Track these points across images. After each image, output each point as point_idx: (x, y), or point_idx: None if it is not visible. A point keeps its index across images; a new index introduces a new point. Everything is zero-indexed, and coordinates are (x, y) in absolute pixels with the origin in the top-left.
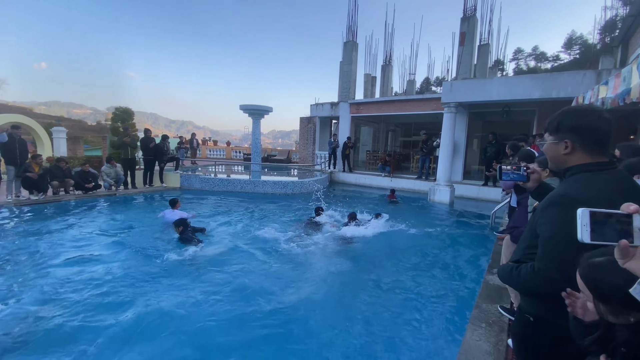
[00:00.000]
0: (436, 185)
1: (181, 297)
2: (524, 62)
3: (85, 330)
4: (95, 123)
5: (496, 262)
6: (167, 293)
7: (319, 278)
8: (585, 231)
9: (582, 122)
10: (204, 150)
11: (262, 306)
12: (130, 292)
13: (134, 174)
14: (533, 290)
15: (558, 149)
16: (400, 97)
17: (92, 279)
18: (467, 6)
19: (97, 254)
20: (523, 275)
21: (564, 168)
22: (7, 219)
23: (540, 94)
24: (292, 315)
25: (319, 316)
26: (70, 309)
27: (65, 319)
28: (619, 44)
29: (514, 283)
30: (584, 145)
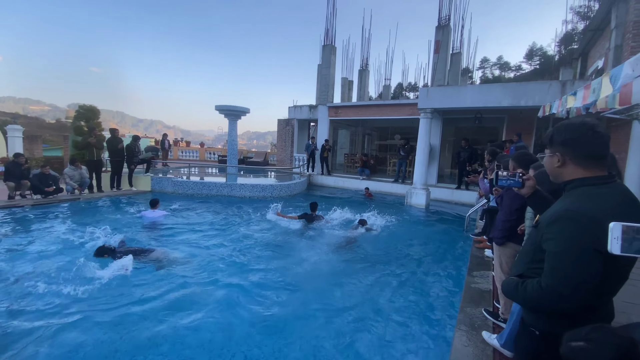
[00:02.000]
0: (413, 188)
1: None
2: (489, 71)
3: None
4: (55, 121)
5: (474, 265)
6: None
7: (299, 283)
8: (615, 244)
9: (571, 135)
10: (175, 151)
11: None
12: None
13: (99, 177)
14: (540, 306)
15: (552, 162)
16: (377, 101)
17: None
18: (441, 15)
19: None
20: (530, 291)
21: (562, 181)
22: None
23: (510, 102)
24: (274, 321)
25: (302, 321)
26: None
27: None
28: (578, 56)
29: (519, 299)
30: (575, 158)
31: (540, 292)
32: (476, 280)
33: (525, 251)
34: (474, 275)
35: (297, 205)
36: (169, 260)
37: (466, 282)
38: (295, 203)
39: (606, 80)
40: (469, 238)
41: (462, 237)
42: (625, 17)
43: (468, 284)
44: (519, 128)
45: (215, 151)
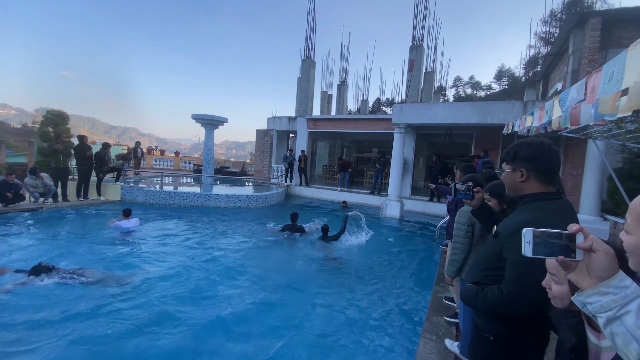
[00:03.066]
0: (388, 200)
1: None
2: (462, 89)
3: None
4: (21, 126)
5: (442, 275)
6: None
7: (270, 289)
8: (527, 247)
9: (534, 152)
10: (149, 160)
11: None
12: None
13: (65, 185)
14: (500, 311)
15: (514, 177)
16: (355, 115)
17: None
18: (415, 36)
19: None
20: (490, 297)
21: (519, 195)
22: None
23: (477, 120)
24: (240, 330)
25: (272, 329)
26: None
27: None
28: (540, 78)
29: (479, 305)
30: (537, 174)
31: (500, 298)
32: (443, 289)
33: (482, 259)
34: (442, 285)
35: (273, 216)
36: (109, 280)
37: (433, 292)
38: (271, 214)
39: (556, 103)
40: (439, 248)
41: (433, 248)
42: (581, 44)
43: (435, 293)
44: (487, 144)
45: (191, 160)
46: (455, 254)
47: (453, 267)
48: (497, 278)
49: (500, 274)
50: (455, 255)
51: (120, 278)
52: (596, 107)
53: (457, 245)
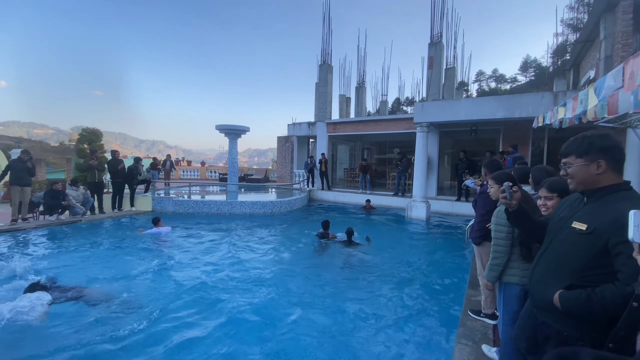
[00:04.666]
0: (413, 201)
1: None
2: (485, 84)
3: None
4: (58, 144)
5: (475, 277)
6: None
7: (300, 295)
8: (636, 231)
9: (612, 143)
10: (177, 171)
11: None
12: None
13: (101, 198)
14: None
15: (589, 170)
16: (374, 117)
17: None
18: (433, 33)
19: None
20: (610, 298)
21: (595, 188)
22: None
23: (504, 114)
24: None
25: (306, 334)
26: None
27: None
28: (570, 67)
29: (595, 310)
30: (614, 164)
31: (624, 296)
32: (476, 292)
33: (569, 260)
34: (475, 287)
35: (298, 220)
36: (107, 299)
37: (467, 295)
38: (295, 218)
39: (591, 92)
40: (470, 250)
41: (463, 249)
42: (613, 28)
43: (468, 296)
44: (515, 139)
45: (216, 169)
46: (497, 257)
47: (495, 272)
48: (601, 277)
49: (605, 271)
50: (497, 259)
51: (126, 300)
52: (636, 94)
53: (498, 249)
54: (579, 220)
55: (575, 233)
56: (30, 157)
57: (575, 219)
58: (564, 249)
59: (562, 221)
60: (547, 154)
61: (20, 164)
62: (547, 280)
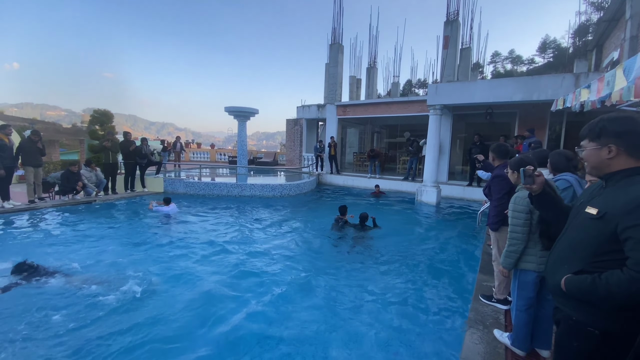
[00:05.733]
0: (423, 186)
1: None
2: (501, 65)
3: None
4: (71, 125)
5: (486, 263)
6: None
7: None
8: None
9: (627, 127)
10: (187, 153)
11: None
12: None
13: (115, 179)
14: (629, 299)
15: (601, 154)
16: (385, 99)
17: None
18: (449, 10)
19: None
20: (615, 284)
21: (608, 172)
22: None
23: (522, 97)
24: (282, 320)
25: (313, 315)
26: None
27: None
28: (593, 47)
29: (600, 295)
30: (629, 149)
31: (631, 282)
32: (488, 278)
33: (582, 246)
34: (486, 273)
35: (307, 203)
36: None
37: (477, 280)
38: (304, 201)
39: (620, 73)
40: (481, 236)
41: (474, 235)
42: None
43: (479, 281)
44: (532, 123)
45: (226, 152)
46: (514, 244)
47: (511, 259)
48: (612, 263)
49: (616, 257)
50: (514, 246)
51: (111, 280)
52: None
53: (516, 235)
54: (593, 205)
55: (587, 218)
56: (39, 138)
57: (590, 204)
58: (576, 235)
59: (581, 207)
60: (564, 139)
61: (31, 144)
62: (560, 264)
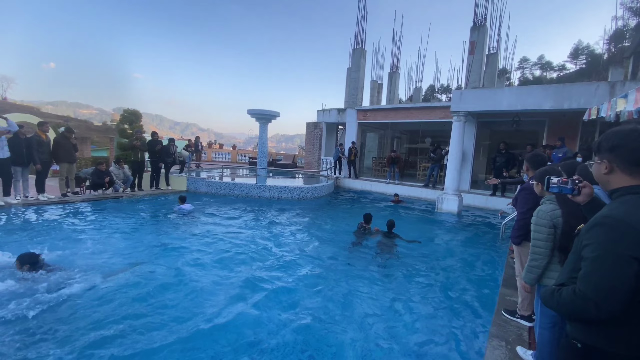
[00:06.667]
0: (444, 194)
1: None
2: (529, 71)
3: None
4: (102, 124)
5: (510, 276)
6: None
7: (329, 289)
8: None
9: (618, 142)
10: (209, 153)
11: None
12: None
13: (141, 177)
14: (574, 313)
15: (600, 170)
16: (407, 104)
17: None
18: (477, 15)
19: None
20: (564, 297)
21: (609, 189)
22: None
23: (551, 105)
24: (302, 326)
25: (332, 332)
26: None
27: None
28: (630, 55)
29: (554, 306)
30: (622, 165)
31: (573, 297)
32: (511, 292)
33: (568, 260)
34: (509, 287)
35: (323, 207)
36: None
37: (500, 294)
38: (321, 205)
39: None
40: (505, 248)
41: (497, 247)
42: None
43: (502, 296)
44: (562, 132)
45: (246, 153)
46: (536, 259)
47: (533, 274)
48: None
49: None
50: (536, 261)
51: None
52: None
53: (538, 250)
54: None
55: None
56: (72, 134)
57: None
58: (571, 250)
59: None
60: None
61: (65, 141)
62: (558, 278)
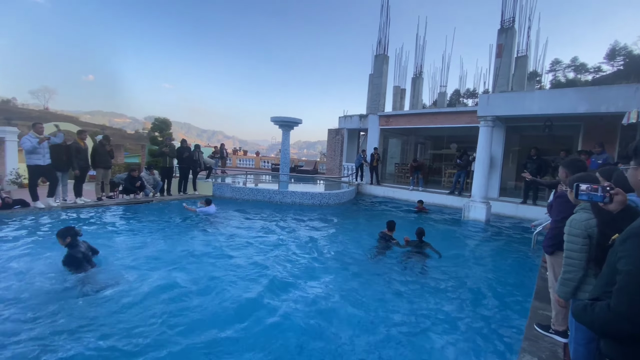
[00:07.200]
0: (471, 201)
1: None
2: (562, 74)
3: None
4: (134, 132)
5: (542, 288)
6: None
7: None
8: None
9: None
10: (234, 159)
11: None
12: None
13: (170, 182)
14: (608, 330)
15: (635, 175)
16: (431, 109)
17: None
18: (504, 18)
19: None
20: (597, 313)
21: None
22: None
23: (586, 108)
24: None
25: (357, 335)
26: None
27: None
28: None
29: (587, 322)
30: None
31: (607, 314)
32: (544, 305)
33: (603, 273)
34: (542, 300)
35: (344, 213)
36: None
37: (532, 307)
38: (342, 211)
39: None
40: (537, 258)
41: (529, 257)
42: None
43: (534, 309)
44: (599, 137)
45: (269, 160)
46: (569, 271)
47: (567, 288)
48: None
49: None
50: (570, 274)
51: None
52: None
53: (571, 262)
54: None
55: (609, 244)
56: (109, 142)
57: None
58: (606, 262)
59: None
60: None
61: (102, 148)
62: (591, 292)
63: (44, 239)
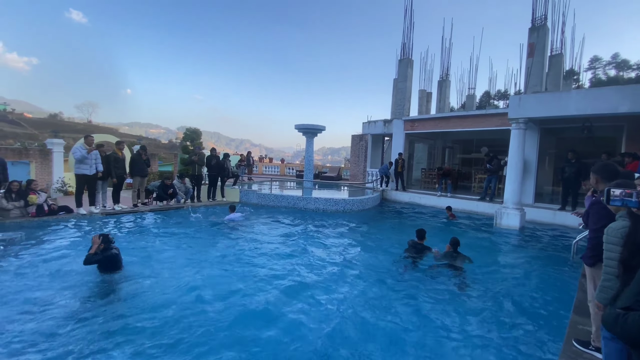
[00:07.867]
0: (504, 208)
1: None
2: (602, 71)
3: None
4: (168, 141)
5: (581, 302)
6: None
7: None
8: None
9: None
10: (260, 166)
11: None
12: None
13: (200, 189)
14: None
15: None
16: (459, 112)
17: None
18: (535, 16)
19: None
20: (630, 324)
21: None
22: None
23: (629, 108)
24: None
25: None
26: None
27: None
28: None
29: (618, 332)
30: None
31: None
32: (584, 320)
33: (635, 282)
34: (581, 314)
35: (369, 220)
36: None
37: (571, 322)
38: (367, 217)
39: None
40: (576, 269)
41: (568, 268)
42: None
43: (573, 324)
44: None
45: (294, 166)
46: (608, 279)
47: (605, 294)
48: None
49: None
50: (608, 282)
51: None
52: None
53: (610, 270)
54: None
55: None
56: (145, 152)
57: None
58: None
59: None
60: None
61: (139, 157)
62: (622, 300)
63: (85, 241)
